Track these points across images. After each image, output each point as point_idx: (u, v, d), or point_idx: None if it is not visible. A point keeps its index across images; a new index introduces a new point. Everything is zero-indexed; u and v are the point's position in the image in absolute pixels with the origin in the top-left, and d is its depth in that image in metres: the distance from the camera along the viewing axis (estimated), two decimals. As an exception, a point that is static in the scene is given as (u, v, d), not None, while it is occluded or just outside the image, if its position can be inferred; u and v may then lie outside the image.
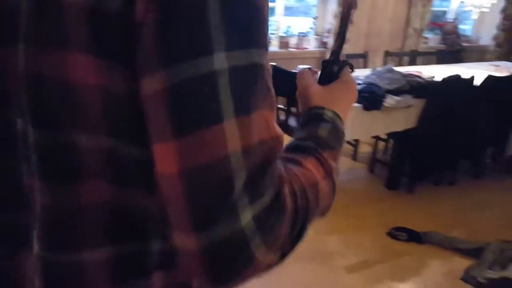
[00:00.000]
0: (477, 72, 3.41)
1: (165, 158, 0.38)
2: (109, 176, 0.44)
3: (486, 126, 3.21)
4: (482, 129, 3.20)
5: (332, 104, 0.59)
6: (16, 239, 0.49)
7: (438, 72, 3.43)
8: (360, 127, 2.77)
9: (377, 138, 3.42)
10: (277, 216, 0.39)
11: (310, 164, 0.49)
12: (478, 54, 5.47)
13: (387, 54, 4.35)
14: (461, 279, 2.32)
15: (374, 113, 2.74)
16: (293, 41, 4.49)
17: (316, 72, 0.67)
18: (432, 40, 5.36)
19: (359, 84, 2.86)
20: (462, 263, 2.41)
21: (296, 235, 0.43)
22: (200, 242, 0.37)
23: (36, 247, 0.47)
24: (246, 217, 0.37)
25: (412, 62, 4.49)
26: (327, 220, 3.04)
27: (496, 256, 2.43)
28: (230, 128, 0.37)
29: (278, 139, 0.42)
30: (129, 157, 0.43)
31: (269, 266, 0.42)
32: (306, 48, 4.54)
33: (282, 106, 3.00)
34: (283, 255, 0.43)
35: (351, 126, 2.70)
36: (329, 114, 0.58)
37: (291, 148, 0.53)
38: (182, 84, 0.36)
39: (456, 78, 2.94)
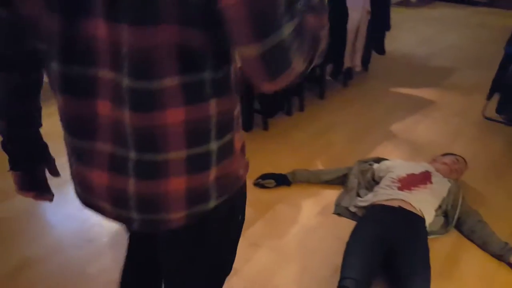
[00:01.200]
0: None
1: None
2: (178, 19, 0.60)
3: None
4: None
5: None
6: (90, 89, 0.69)
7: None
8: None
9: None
10: (304, 34, 0.61)
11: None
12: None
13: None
14: (334, 213, 2.28)
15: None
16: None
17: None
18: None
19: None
20: (332, 196, 2.37)
21: (311, 58, 0.66)
22: (259, 49, 0.58)
23: (126, 81, 0.65)
24: (287, 30, 0.58)
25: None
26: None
27: (360, 179, 2.44)
28: None
29: None
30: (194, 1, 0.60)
31: (299, 74, 0.65)
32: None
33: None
34: (304, 70, 0.66)
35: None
36: None
37: None
38: None
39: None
